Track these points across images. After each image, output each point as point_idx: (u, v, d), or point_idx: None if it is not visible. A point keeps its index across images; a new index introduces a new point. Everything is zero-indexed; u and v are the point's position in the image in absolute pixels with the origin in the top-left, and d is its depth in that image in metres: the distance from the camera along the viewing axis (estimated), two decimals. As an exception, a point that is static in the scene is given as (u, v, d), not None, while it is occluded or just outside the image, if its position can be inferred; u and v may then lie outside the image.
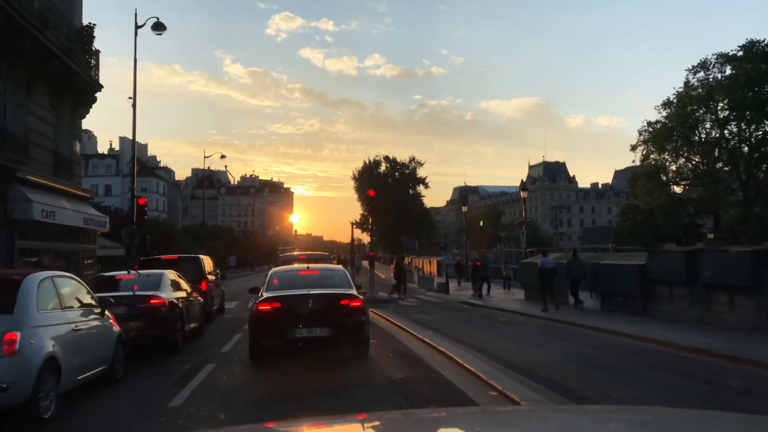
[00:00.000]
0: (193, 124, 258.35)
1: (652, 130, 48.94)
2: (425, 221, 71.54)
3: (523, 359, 10.25)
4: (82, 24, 20.55)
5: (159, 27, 24.16)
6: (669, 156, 50.24)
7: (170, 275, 12.78)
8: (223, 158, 59.17)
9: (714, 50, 67.99)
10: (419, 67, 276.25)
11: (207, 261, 20.45)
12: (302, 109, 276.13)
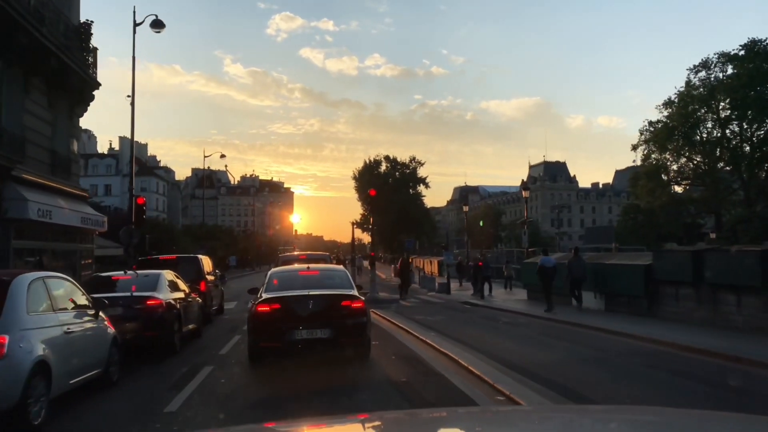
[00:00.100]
0: (193, 124, 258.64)
1: (654, 130, 48.78)
2: (426, 221, 71.51)
3: (529, 362, 10.02)
4: (80, 21, 20.31)
5: (158, 25, 23.89)
6: (670, 155, 50.12)
7: (168, 275, 12.56)
8: (223, 158, 59.01)
9: (714, 50, 67.82)
10: (419, 67, 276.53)
11: (206, 261, 20.24)
12: (302, 109, 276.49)
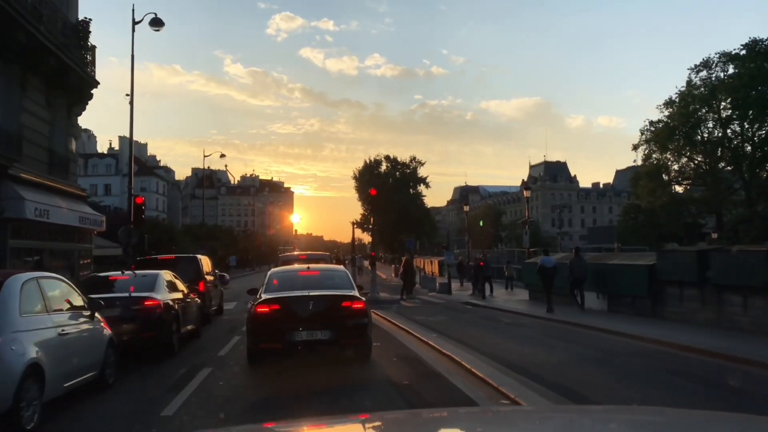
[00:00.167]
0: (193, 124, 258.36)
1: (655, 130, 48.61)
2: (426, 221, 71.27)
3: (533, 363, 9.84)
4: (78, 19, 20.12)
5: (157, 23, 23.72)
6: (671, 155, 49.97)
7: (166, 276, 12.39)
8: (223, 157, 58.76)
9: (714, 50, 67.70)
10: (419, 67, 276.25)
11: (205, 261, 20.08)
12: (302, 109, 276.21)
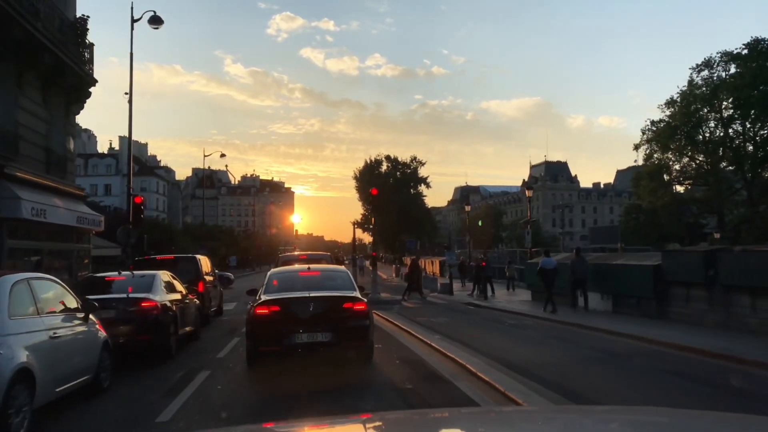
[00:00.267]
0: (194, 124, 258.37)
1: (656, 129, 48.41)
2: (426, 221, 71.00)
3: (542, 367, 9.57)
4: (76, 16, 19.87)
5: (156, 21, 23.49)
6: (672, 155, 49.78)
7: (163, 276, 12.16)
8: (223, 157, 58.54)
9: (715, 50, 67.70)
10: (420, 67, 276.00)
11: (204, 261, 19.86)
12: (303, 109, 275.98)
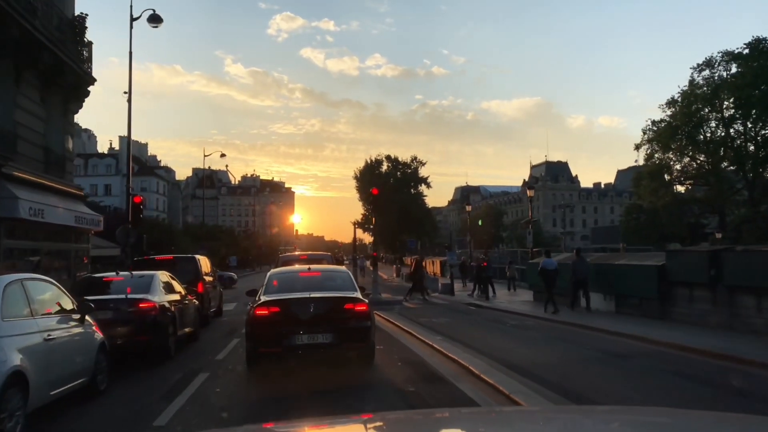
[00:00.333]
0: (194, 125, 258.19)
1: (657, 129, 48.28)
2: (427, 221, 70.75)
3: (545, 369, 9.43)
4: (74, 14, 19.73)
5: (155, 19, 23.31)
6: (673, 155, 49.65)
7: (162, 277, 12.01)
8: (223, 157, 58.28)
9: (715, 49, 67.69)
10: (420, 67, 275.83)
11: (204, 261, 19.73)
12: (303, 109, 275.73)
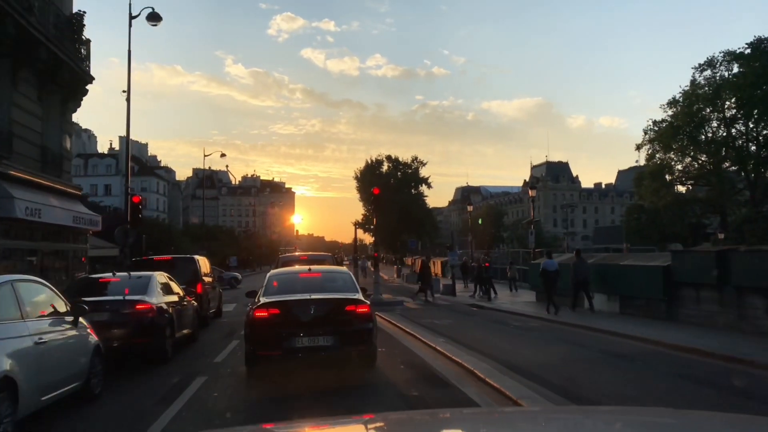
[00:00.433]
0: (194, 125, 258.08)
1: (658, 129, 48.09)
2: (427, 221, 70.63)
3: (552, 372, 9.21)
4: (72, 12, 19.51)
5: (154, 18, 23.05)
6: (675, 155, 49.47)
7: (160, 278, 11.77)
8: (224, 157, 57.99)
9: (716, 50, 67.43)
10: (420, 68, 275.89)
11: (203, 262, 19.48)
12: (304, 110, 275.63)
